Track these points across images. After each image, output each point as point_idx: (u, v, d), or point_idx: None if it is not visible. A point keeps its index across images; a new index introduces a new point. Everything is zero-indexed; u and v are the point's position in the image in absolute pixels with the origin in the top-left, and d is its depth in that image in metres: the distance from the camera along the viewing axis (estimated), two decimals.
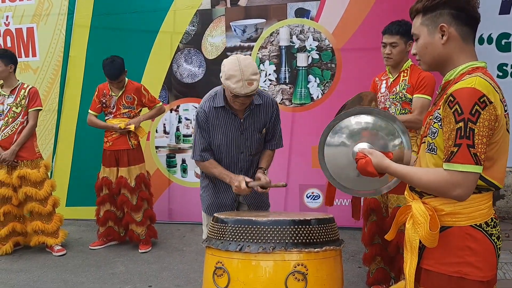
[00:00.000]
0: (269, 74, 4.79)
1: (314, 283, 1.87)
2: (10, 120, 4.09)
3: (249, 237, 1.89)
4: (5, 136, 4.09)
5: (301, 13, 4.67)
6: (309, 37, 4.66)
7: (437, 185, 1.45)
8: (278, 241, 1.87)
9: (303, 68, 4.71)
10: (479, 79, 1.41)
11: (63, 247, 4.29)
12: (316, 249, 1.89)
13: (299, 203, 4.79)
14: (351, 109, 1.91)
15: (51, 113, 5.21)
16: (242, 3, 4.82)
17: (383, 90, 3.11)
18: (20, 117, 4.11)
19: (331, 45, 4.62)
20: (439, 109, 1.49)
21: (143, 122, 4.36)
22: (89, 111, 4.31)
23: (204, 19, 4.90)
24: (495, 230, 1.50)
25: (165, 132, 5.12)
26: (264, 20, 4.77)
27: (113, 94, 4.21)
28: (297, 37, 4.70)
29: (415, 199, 1.59)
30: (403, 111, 2.98)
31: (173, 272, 3.79)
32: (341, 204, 4.61)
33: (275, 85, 4.79)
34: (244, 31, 4.82)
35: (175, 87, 5.05)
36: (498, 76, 4.62)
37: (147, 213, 4.30)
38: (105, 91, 4.24)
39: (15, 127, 4.10)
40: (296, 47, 4.70)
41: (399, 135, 1.81)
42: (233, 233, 1.93)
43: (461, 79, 1.47)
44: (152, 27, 4.96)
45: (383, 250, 3.10)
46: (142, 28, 4.96)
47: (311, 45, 4.66)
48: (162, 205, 5.02)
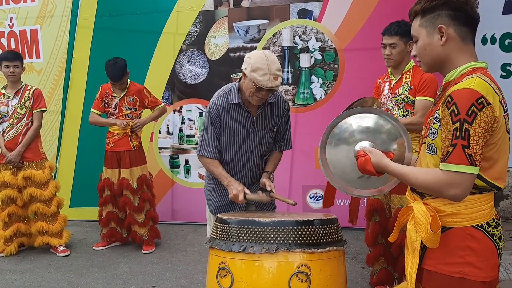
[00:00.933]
0: None
1: (317, 284, 1.87)
2: (15, 121, 4.11)
3: (253, 238, 1.89)
4: (10, 137, 4.12)
5: (304, 14, 4.68)
6: (312, 37, 4.67)
7: (433, 185, 1.46)
8: (281, 241, 1.87)
9: (306, 68, 4.72)
10: (479, 80, 1.42)
11: (67, 247, 4.31)
12: (319, 250, 1.90)
13: (302, 204, 4.79)
14: (353, 108, 1.92)
15: (55, 114, 5.23)
16: (244, 4, 4.83)
17: (386, 92, 3.11)
18: (24, 118, 4.13)
19: (334, 46, 4.62)
20: (439, 109, 1.50)
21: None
22: (92, 109, 4.32)
23: (207, 20, 4.91)
24: (497, 230, 1.51)
25: (168, 133, 5.13)
26: (266, 21, 4.78)
27: (115, 95, 4.23)
28: (300, 37, 4.71)
29: (417, 200, 1.60)
30: (406, 113, 2.98)
31: (177, 272, 3.80)
32: (344, 204, 4.61)
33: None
34: (247, 32, 4.83)
35: (178, 88, 5.06)
36: (501, 76, 4.61)
37: (149, 214, 4.31)
38: (107, 92, 4.26)
39: (20, 128, 4.12)
40: (299, 47, 4.71)
41: (401, 136, 1.82)
42: (236, 234, 1.94)
43: (461, 79, 1.47)
44: (155, 28, 4.98)
45: (386, 250, 3.10)
46: (145, 29, 4.98)
47: (314, 45, 4.67)
48: (165, 205, 5.04)
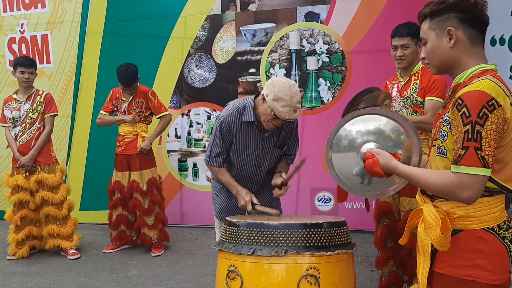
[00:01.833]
0: None
1: (326, 287, 1.87)
2: (27, 126, 4.17)
3: (261, 241, 1.90)
4: (23, 142, 4.17)
5: (311, 17, 4.69)
6: (319, 40, 4.68)
7: (444, 187, 1.46)
8: (290, 244, 1.88)
9: (313, 71, 4.72)
10: (488, 82, 1.42)
11: (77, 250, 4.35)
12: (328, 253, 1.90)
13: (310, 207, 4.79)
14: (360, 109, 1.92)
15: (65, 119, 5.28)
16: (252, 7, 4.85)
17: (395, 93, 3.11)
18: (36, 122, 4.18)
19: (341, 48, 4.63)
20: (449, 112, 1.50)
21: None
22: (101, 111, 4.37)
23: (214, 24, 4.94)
24: (508, 233, 1.50)
25: (177, 136, 5.16)
26: (274, 24, 4.79)
27: (124, 99, 4.27)
28: (307, 40, 4.72)
29: (427, 203, 1.59)
30: (415, 114, 2.97)
31: (186, 275, 3.82)
32: (353, 207, 4.61)
33: None
34: (254, 36, 4.85)
35: (186, 91, 5.09)
36: (510, 77, 4.57)
37: (159, 216, 4.33)
38: (117, 95, 4.31)
39: (32, 132, 4.17)
40: (306, 50, 4.72)
41: (408, 137, 1.81)
42: (245, 237, 1.95)
43: (470, 82, 1.47)
44: (163, 33, 5.01)
45: (395, 253, 3.09)
46: (153, 33, 5.02)
47: (321, 48, 4.67)
48: (174, 208, 5.06)
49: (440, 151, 1.54)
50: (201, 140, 5.09)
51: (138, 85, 4.26)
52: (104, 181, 4.53)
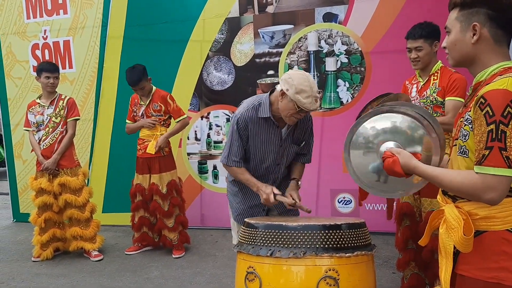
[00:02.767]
0: None
1: None
2: (50, 130, 4.25)
3: (280, 242, 1.90)
4: (46, 145, 4.26)
5: (329, 18, 4.67)
6: (337, 41, 4.65)
7: (468, 188, 1.42)
8: (308, 246, 1.87)
9: (332, 72, 4.69)
10: None
11: (100, 252, 4.42)
12: (347, 254, 1.89)
13: (331, 208, 4.76)
14: (379, 107, 1.89)
15: (87, 123, 5.38)
16: (270, 9, 4.85)
17: (414, 94, 3.07)
18: (59, 127, 4.27)
19: (360, 49, 4.59)
20: (470, 111, 1.46)
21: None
22: (126, 121, 4.46)
23: (232, 27, 4.96)
24: None
25: (197, 139, 5.20)
26: (292, 25, 4.79)
27: (142, 103, 4.31)
28: (325, 41, 4.69)
29: (448, 203, 1.56)
30: (435, 115, 2.93)
31: (206, 277, 3.83)
32: (374, 208, 4.56)
33: None
34: (272, 38, 4.85)
35: (205, 94, 5.13)
36: None
37: (179, 219, 4.36)
38: (136, 101, 4.36)
39: (55, 136, 4.26)
40: (324, 51, 4.70)
41: (427, 136, 1.78)
42: (263, 238, 1.95)
43: (492, 80, 1.43)
44: (182, 37, 5.06)
45: (417, 255, 3.04)
46: (172, 37, 5.07)
47: (339, 49, 4.64)
48: (194, 211, 5.09)
49: (461, 151, 1.50)
50: (221, 142, 5.11)
51: (149, 86, 4.28)
52: (126, 183, 4.59)
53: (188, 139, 5.20)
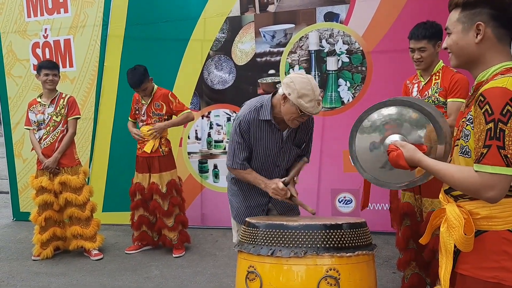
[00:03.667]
0: None
1: None
2: (51, 129, 4.25)
3: (281, 242, 1.90)
4: (47, 144, 4.25)
5: (330, 17, 4.66)
6: (338, 40, 4.64)
7: (468, 185, 1.43)
8: (309, 245, 1.87)
9: (333, 72, 4.69)
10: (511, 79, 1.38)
11: (100, 251, 4.41)
12: (348, 254, 1.88)
13: (331, 208, 4.76)
14: (384, 100, 1.92)
15: (87, 121, 5.37)
16: (271, 9, 4.85)
17: (415, 93, 3.06)
18: (60, 125, 4.27)
19: (361, 48, 4.58)
20: (471, 110, 1.46)
21: (171, 128, 4.40)
22: (129, 118, 4.47)
23: (233, 26, 4.95)
24: None
25: (197, 138, 5.19)
26: (293, 25, 4.78)
27: (143, 102, 4.31)
28: (326, 41, 4.69)
29: (450, 202, 1.56)
30: (436, 109, 2.92)
31: (207, 276, 3.83)
32: (375, 208, 4.55)
33: None
34: (273, 37, 4.85)
35: (206, 93, 5.12)
36: None
37: (179, 218, 4.36)
38: (137, 98, 4.36)
39: (56, 135, 4.26)
40: (325, 51, 4.69)
41: (431, 126, 1.79)
42: (264, 238, 1.94)
43: (493, 79, 1.43)
44: (183, 36, 5.05)
45: (418, 255, 3.04)
46: (173, 36, 5.06)
47: (340, 48, 4.64)
48: (194, 210, 5.09)
49: (463, 151, 1.50)
50: (221, 141, 5.11)
51: (154, 86, 4.28)
52: (126, 183, 4.59)
53: (188, 138, 5.20)
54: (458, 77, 2.85)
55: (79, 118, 4.43)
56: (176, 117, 4.33)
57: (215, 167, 5.14)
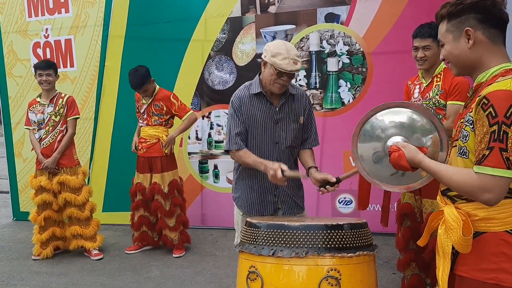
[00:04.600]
0: (300, 79, 4.80)
1: None
2: (50, 129, 4.25)
3: (282, 242, 1.90)
4: (46, 144, 4.26)
5: (331, 18, 4.67)
6: (339, 41, 4.65)
7: (466, 187, 1.43)
8: (310, 245, 1.87)
9: (334, 72, 4.70)
10: None
11: (100, 251, 4.42)
12: (349, 254, 1.89)
13: (331, 209, 4.76)
14: (387, 102, 1.93)
15: (88, 121, 5.37)
16: (272, 9, 4.85)
17: (416, 95, 3.07)
18: (59, 125, 4.27)
19: (361, 49, 4.59)
20: (471, 112, 1.47)
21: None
22: (137, 119, 4.51)
23: (234, 26, 4.96)
24: None
25: (197, 138, 5.20)
26: (294, 26, 4.79)
27: (144, 101, 4.32)
28: (327, 42, 4.70)
29: (448, 204, 1.57)
30: (437, 117, 2.93)
31: (207, 276, 3.84)
32: (374, 209, 4.56)
33: (305, 90, 4.78)
34: (274, 38, 4.85)
35: (206, 94, 5.13)
36: None
37: (180, 218, 4.36)
38: (138, 97, 4.37)
39: (55, 135, 4.26)
40: (326, 52, 4.70)
41: (435, 133, 1.80)
42: (265, 238, 1.95)
43: (494, 81, 1.44)
44: (184, 36, 5.05)
45: (418, 255, 3.05)
46: (174, 37, 5.07)
47: (341, 49, 4.65)
48: (195, 210, 5.10)
49: (461, 152, 1.51)
50: (222, 142, 5.11)
51: (153, 87, 4.28)
52: (126, 183, 4.59)
53: (189, 139, 5.20)
54: (458, 80, 2.86)
55: (79, 118, 4.42)
56: (181, 123, 4.37)
57: (216, 167, 5.15)
